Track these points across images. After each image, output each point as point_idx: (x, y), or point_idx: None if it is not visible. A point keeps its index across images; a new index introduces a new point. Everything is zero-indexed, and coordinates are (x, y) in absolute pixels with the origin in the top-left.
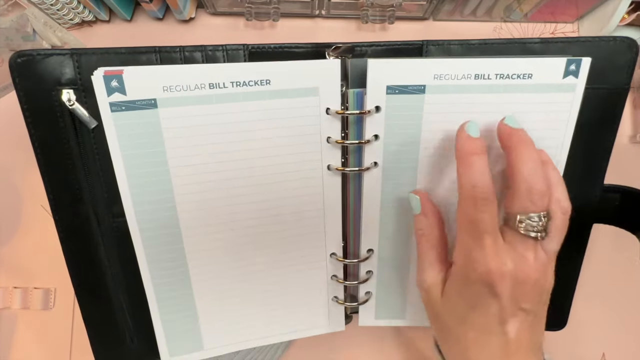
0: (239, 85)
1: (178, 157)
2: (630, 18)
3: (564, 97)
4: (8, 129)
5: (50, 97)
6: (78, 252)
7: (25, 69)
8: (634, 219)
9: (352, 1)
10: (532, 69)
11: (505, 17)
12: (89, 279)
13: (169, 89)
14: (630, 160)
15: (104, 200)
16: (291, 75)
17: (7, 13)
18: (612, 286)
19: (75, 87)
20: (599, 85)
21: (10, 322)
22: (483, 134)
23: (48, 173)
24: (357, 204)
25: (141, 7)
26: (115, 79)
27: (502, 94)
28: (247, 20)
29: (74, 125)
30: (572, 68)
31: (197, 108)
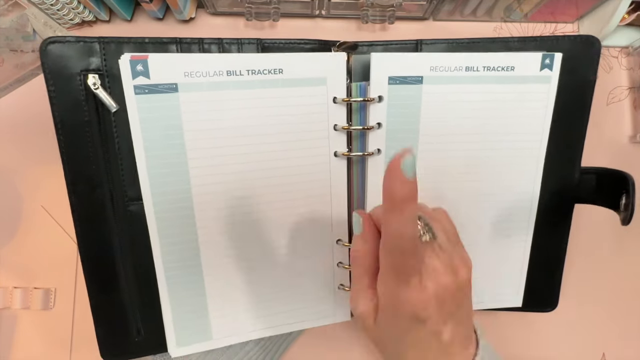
0: (253, 73)
1: (194, 140)
2: (630, 18)
3: (541, 87)
4: (8, 129)
5: (76, 81)
6: (91, 236)
7: (54, 54)
8: (610, 197)
9: (352, 1)
10: (514, 62)
11: (505, 17)
12: (100, 266)
13: (189, 74)
14: (630, 160)
15: (120, 183)
16: (302, 65)
17: (7, 13)
18: (612, 287)
19: (100, 72)
20: (571, 77)
21: (11, 322)
22: (470, 122)
23: (68, 154)
24: (360, 190)
25: (141, 7)
26: (140, 63)
27: (489, 84)
28: (247, 20)
29: (97, 109)
30: (547, 62)
31: (214, 94)
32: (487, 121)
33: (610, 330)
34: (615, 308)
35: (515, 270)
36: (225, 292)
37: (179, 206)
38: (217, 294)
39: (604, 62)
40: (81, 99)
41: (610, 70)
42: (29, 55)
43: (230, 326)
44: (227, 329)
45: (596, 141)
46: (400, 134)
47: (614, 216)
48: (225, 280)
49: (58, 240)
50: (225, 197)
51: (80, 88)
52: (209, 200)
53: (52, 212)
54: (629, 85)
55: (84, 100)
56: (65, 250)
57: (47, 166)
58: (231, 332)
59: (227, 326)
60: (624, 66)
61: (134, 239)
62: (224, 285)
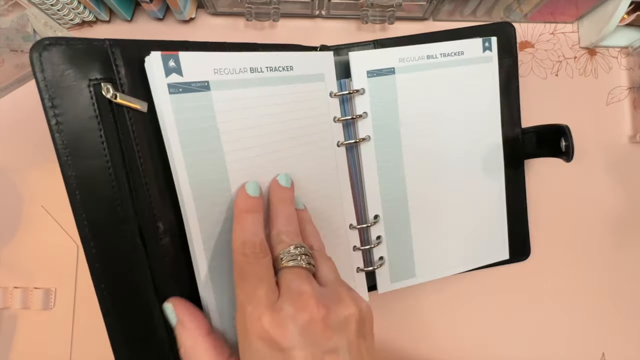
0: (271, 70)
1: (230, 142)
2: (630, 18)
3: (487, 66)
4: (8, 129)
5: (85, 93)
6: (121, 283)
7: (53, 62)
8: (551, 147)
9: (352, 1)
10: (463, 47)
11: (505, 18)
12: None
13: (219, 71)
14: (630, 160)
15: (150, 213)
16: (306, 63)
17: (7, 13)
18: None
19: (112, 80)
20: (503, 56)
21: (11, 322)
22: (437, 104)
23: (83, 192)
24: (356, 175)
25: (141, 8)
26: (172, 58)
27: (447, 68)
28: (247, 21)
29: (115, 119)
30: (487, 45)
31: (242, 91)
32: (453, 97)
33: (610, 330)
34: (615, 308)
35: (497, 223)
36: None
37: (220, 209)
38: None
39: (603, 62)
40: (93, 115)
41: (609, 71)
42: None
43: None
44: None
45: (596, 141)
46: (383, 119)
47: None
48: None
49: (58, 240)
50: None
51: (92, 102)
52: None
53: (52, 212)
54: (629, 86)
55: (97, 116)
56: (65, 250)
57: (47, 166)
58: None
59: None
60: (623, 66)
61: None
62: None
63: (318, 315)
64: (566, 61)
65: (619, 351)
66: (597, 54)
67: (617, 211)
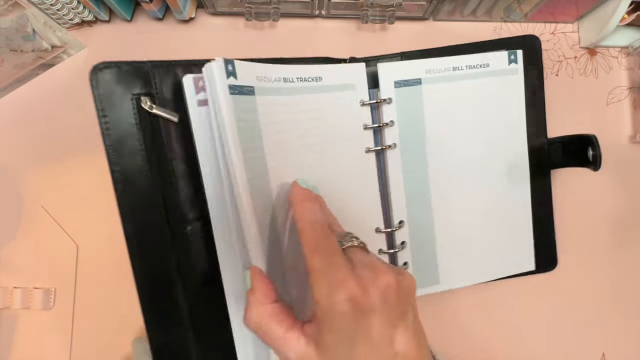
0: (301, 80)
1: (270, 145)
2: (630, 18)
3: (512, 79)
4: (9, 129)
5: (128, 105)
6: (152, 264)
7: (105, 80)
8: (578, 157)
9: (352, 1)
10: (489, 60)
11: (505, 17)
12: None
13: (260, 79)
14: (630, 160)
15: (178, 204)
16: (335, 74)
17: (7, 13)
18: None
19: (151, 94)
20: (529, 68)
21: (11, 322)
22: (462, 114)
23: (124, 180)
24: (382, 180)
25: (141, 7)
26: (230, 64)
27: (472, 80)
28: (247, 20)
29: (152, 130)
30: (512, 57)
31: (276, 98)
32: (479, 108)
33: (610, 330)
34: (615, 308)
35: (523, 234)
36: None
37: (259, 203)
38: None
39: (603, 62)
40: (134, 123)
41: (610, 71)
42: (29, 55)
43: None
44: None
45: None
46: (410, 127)
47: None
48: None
49: (58, 240)
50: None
51: (134, 112)
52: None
53: (52, 212)
54: (629, 86)
55: (137, 123)
56: (65, 250)
57: (47, 166)
58: None
59: None
60: (623, 66)
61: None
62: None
63: (393, 281)
64: (566, 61)
65: (619, 351)
66: (597, 53)
67: (617, 211)
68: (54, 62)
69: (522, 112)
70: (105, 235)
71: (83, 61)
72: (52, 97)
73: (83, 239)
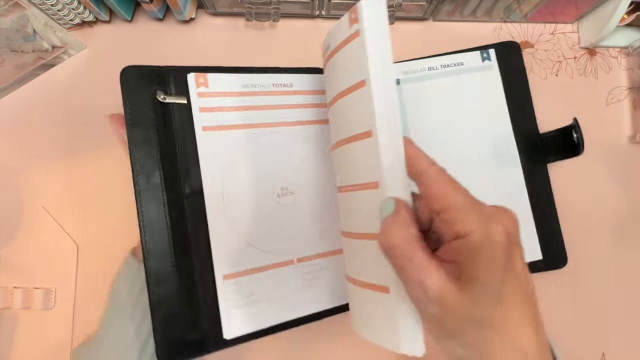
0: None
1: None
2: (630, 18)
3: (488, 74)
4: (9, 129)
5: (148, 96)
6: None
7: (132, 78)
8: (570, 148)
9: (352, 1)
10: (462, 59)
11: (505, 18)
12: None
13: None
14: (630, 160)
15: (178, 175)
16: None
17: (7, 13)
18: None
19: (164, 89)
20: (513, 68)
21: (11, 322)
22: (442, 112)
23: (136, 152)
24: None
25: (141, 8)
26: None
27: (447, 77)
28: (248, 21)
29: (163, 113)
30: (485, 55)
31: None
32: (458, 102)
33: (610, 330)
34: (615, 308)
35: (522, 220)
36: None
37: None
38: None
39: (603, 62)
40: (152, 109)
41: (609, 71)
42: (29, 56)
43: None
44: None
45: (596, 141)
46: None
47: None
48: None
49: (58, 240)
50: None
51: (151, 101)
52: None
53: (52, 212)
54: (629, 86)
55: (154, 110)
56: (66, 250)
57: (48, 166)
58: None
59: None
60: (623, 66)
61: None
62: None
63: (517, 218)
64: (566, 61)
65: (619, 351)
66: (597, 54)
67: (617, 211)
68: (55, 63)
69: (502, 102)
70: (105, 235)
71: (83, 61)
72: (53, 97)
73: (83, 239)
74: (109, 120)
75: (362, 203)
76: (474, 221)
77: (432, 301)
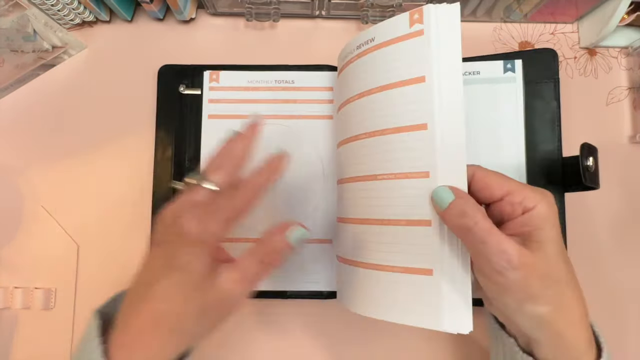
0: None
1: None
2: (630, 18)
3: (508, 87)
4: (9, 129)
5: (175, 88)
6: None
7: (165, 74)
8: (581, 179)
9: (352, 1)
10: (480, 67)
11: (505, 18)
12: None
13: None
14: (630, 160)
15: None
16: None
17: (7, 13)
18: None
19: (187, 84)
20: (543, 80)
21: (11, 322)
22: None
23: (162, 128)
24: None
25: (142, 8)
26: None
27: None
28: (248, 21)
29: (181, 103)
30: (509, 66)
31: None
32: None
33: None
34: (614, 308)
35: None
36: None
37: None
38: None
39: (603, 62)
40: (174, 99)
41: (609, 71)
42: (30, 56)
43: None
44: None
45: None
46: None
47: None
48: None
49: (58, 240)
50: None
51: (175, 93)
52: None
53: (52, 212)
54: (629, 86)
55: (177, 98)
56: (66, 250)
57: (48, 166)
58: None
59: None
60: (623, 66)
61: None
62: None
63: None
64: (566, 61)
65: (619, 351)
66: (597, 54)
67: (617, 211)
68: (55, 63)
69: (519, 120)
70: (105, 235)
71: (84, 61)
72: (53, 97)
73: (83, 239)
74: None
75: (409, 191)
76: (536, 196)
77: (516, 267)
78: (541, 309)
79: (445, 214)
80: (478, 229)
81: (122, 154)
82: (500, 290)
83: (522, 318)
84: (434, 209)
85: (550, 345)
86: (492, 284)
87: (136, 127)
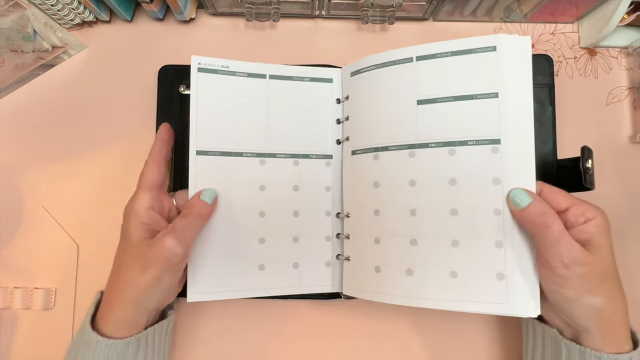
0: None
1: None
2: (630, 18)
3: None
4: (9, 129)
5: (174, 88)
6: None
7: (165, 74)
8: (579, 182)
9: (352, 1)
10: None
11: (505, 18)
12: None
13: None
14: (630, 160)
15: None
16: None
17: (7, 13)
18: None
19: (186, 83)
20: (539, 86)
21: (11, 322)
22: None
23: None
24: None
25: (142, 8)
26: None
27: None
28: (248, 21)
29: (181, 101)
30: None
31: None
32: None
33: None
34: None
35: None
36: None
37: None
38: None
39: (603, 62)
40: (174, 99)
41: (609, 71)
42: (30, 56)
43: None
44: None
45: (596, 141)
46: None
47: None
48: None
49: (58, 241)
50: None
51: (175, 93)
52: None
53: (52, 212)
54: (629, 86)
55: (177, 98)
56: (66, 251)
57: (48, 166)
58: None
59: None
60: (623, 66)
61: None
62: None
63: None
64: (566, 61)
65: None
66: (597, 54)
67: (617, 211)
68: (55, 63)
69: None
70: (105, 235)
71: (84, 61)
72: (53, 97)
73: (83, 239)
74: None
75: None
76: (595, 209)
77: (581, 263)
78: (597, 300)
79: (524, 212)
80: (555, 228)
81: (122, 153)
82: (563, 283)
83: (579, 308)
84: (508, 207)
85: (601, 333)
86: (556, 277)
87: (136, 127)
